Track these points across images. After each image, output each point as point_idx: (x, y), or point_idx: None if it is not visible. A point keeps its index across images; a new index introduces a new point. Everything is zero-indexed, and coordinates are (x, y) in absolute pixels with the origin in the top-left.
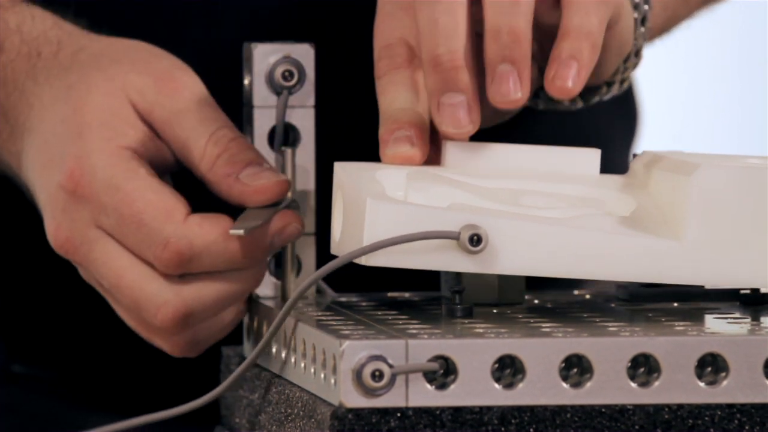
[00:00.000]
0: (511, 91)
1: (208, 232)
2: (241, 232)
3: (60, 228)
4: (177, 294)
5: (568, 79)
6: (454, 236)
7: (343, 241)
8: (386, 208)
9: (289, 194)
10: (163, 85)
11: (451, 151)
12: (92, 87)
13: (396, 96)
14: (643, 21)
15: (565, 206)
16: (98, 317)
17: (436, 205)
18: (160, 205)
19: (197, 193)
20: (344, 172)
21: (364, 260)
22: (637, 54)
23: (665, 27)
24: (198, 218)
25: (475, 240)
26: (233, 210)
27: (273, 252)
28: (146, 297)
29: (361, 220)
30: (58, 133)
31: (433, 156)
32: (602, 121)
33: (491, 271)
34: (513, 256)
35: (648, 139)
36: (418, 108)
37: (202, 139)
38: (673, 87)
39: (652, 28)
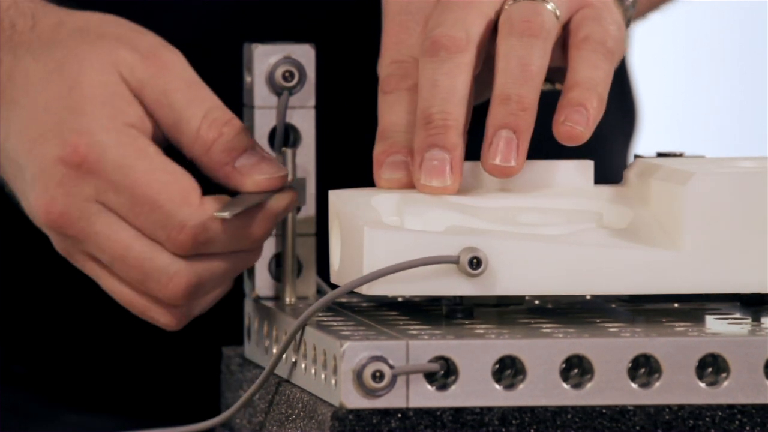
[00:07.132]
0: (509, 158)
1: None
2: (226, 215)
3: (54, 201)
4: (189, 266)
5: (578, 124)
6: (453, 260)
7: (342, 270)
8: (384, 236)
9: (290, 177)
10: (151, 63)
11: None
12: (85, 63)
13: (400, 118)
14: (628, 22)
15: (562, 222)
16: (98, 317)
17: (433, 230)
18: (176, 187)
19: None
20: (339, 200)
21: (365, 290)
22: None
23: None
24: (212, 201)
25: (475, 263)
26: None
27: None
28: (157, 268)
29: (360, 249)
30: (53, 109)
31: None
32: (601, 119)
33: (492, 293)
34: (513, 276)
35: (648, 137)
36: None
37: (195, 120)
38: (673, 85)
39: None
